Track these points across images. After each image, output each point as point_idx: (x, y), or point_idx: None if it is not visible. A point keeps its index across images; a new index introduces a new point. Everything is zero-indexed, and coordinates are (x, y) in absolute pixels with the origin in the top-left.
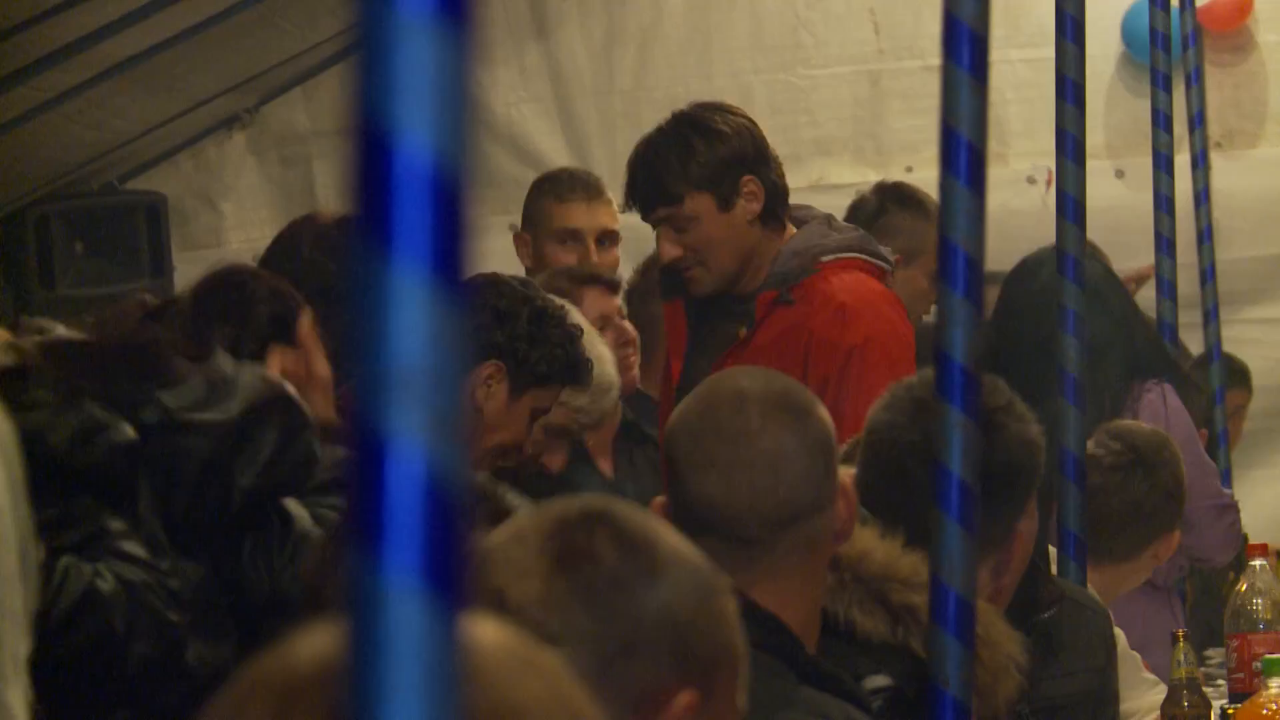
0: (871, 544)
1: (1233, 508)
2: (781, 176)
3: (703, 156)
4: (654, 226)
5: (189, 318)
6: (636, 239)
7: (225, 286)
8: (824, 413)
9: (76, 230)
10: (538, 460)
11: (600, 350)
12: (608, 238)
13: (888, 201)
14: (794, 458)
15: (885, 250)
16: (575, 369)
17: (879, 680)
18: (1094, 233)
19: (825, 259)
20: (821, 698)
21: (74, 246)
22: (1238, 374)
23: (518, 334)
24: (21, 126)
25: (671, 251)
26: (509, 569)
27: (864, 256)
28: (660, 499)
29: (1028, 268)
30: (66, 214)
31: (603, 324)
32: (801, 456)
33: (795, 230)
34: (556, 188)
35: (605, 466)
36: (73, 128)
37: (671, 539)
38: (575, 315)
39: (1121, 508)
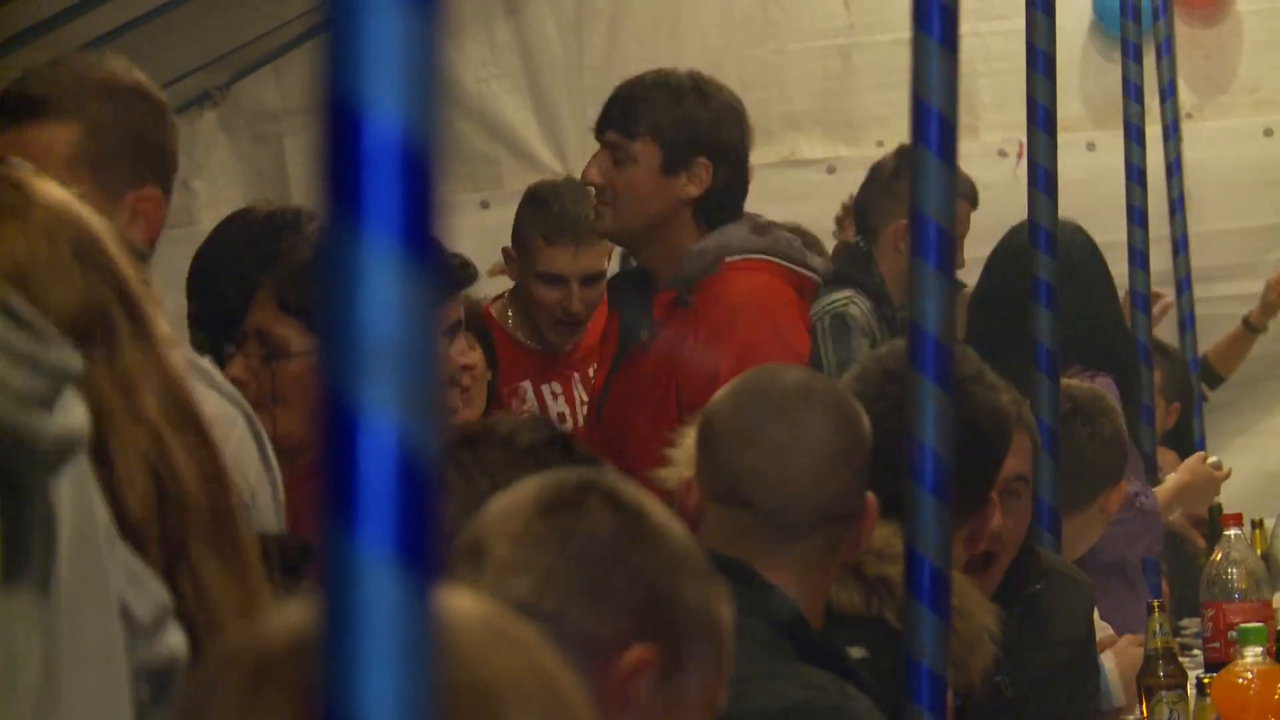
0: None
1: (1151, 513)
2: (738, 182)
3: (679, 114)
4: (599, 144)
5: None
6: None
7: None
8: (864, 420)
9: None
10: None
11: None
12: (592, 279)
13: (904, 166)
14: (844, 464)
15: (816, 260)
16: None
17: (855, 652)
18: (1066, 205)
19: (731, 259)
20: (817, 673)
21: None
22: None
23: None
24: None
25: (594, 176)
26: (495, 516)
27: (776, 259)
28: (688, 476)
29: (1014, 240)
30: None
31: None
32: (847, 461)
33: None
34: (546, 226)
35: None
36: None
37: (667, 519)
38: None
39: (1065, 457)
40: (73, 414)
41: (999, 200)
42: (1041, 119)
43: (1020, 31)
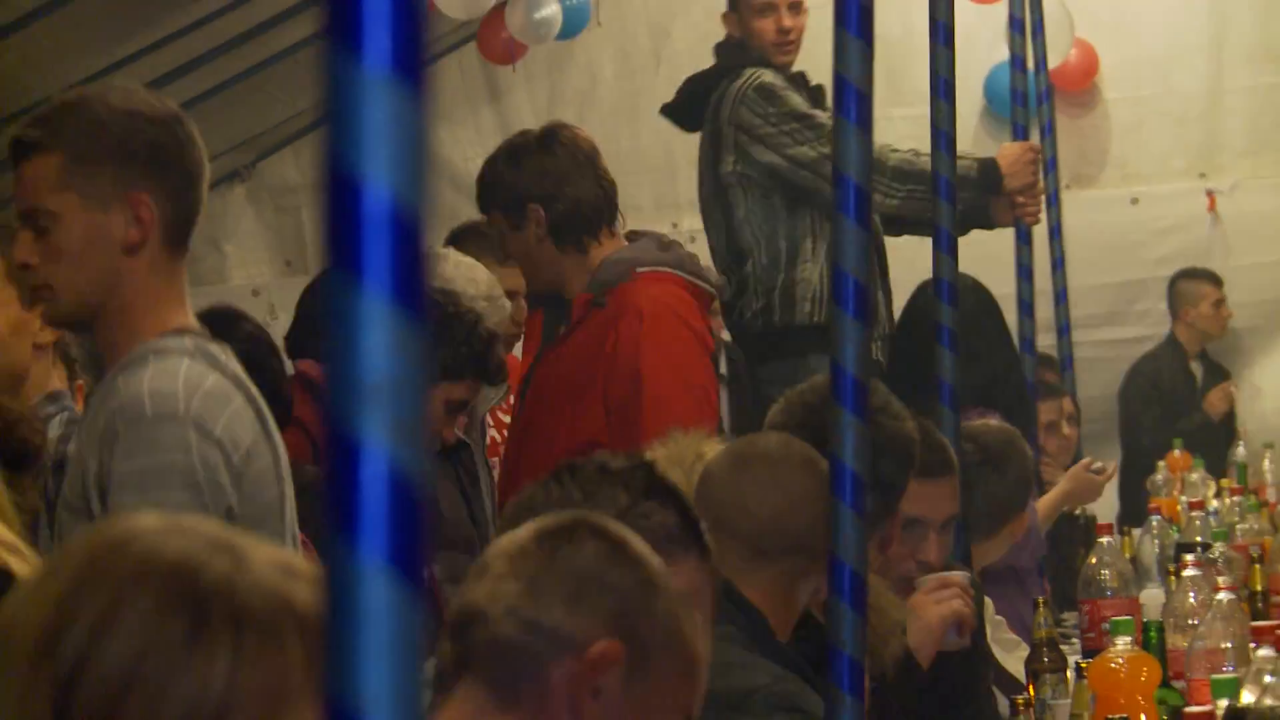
0: None
1: (1034, 528)
2: (581, 206)
3: (501, 182)
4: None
5: None
6: None
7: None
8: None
9: None
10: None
11: (475, 271)
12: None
13: None
14: (812, 505)
15: (712, 275)
16: (484, 366)
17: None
18: (965, 263)
19: (641, 270)
20: (779, 668)
21: None
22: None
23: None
24: None
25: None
26: (501, 543)
27: (681, 274)
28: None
29: (925, 293)
30: None
31: None
32: (815, 505)
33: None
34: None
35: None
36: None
37: (647, 551)
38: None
39: (980, 499)
40: None
41: (910, 259)
42: (944, 190)
43: (925, 115)
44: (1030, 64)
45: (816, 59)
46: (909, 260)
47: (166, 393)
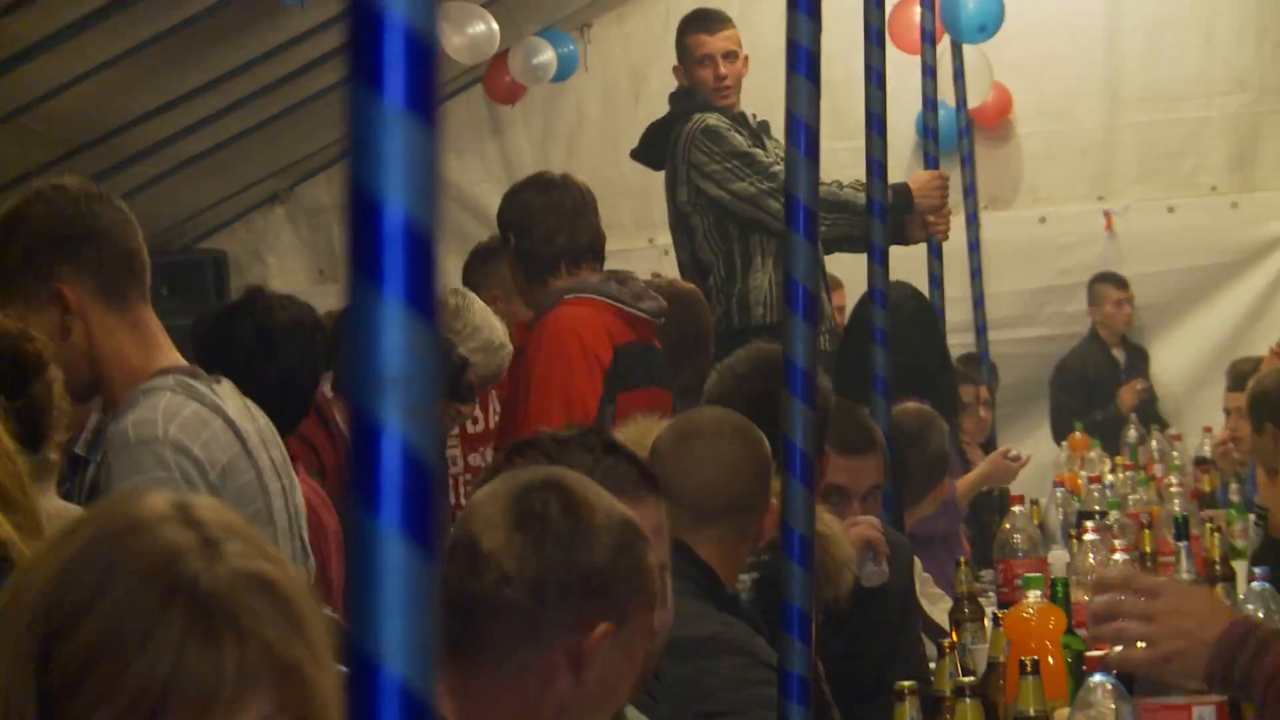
0: None
1: (952, 501)
2: (546, 244)
3: (500, 211)
4: None
5: None
6: None
7: None
8: (765, 443)
9: (162, 277)
10: None
11: (492, 320)
12: None
13: None
14: (745, 471)
15: (647, 303)
16: (455, 388)
17: (749, 575)
18: (897, 273)
19: (569, 296)
20: (728, 617)
21: (161, 289)
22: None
23: None
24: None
25: None
26: (482, 521)
27: (607, 299)
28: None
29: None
30: (156, 266)
31: None
32: (749, 470)
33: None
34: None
35: None
36: (160, 204)
37: (605, 503)
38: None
39: (907, 473)
40: None
41: (850, 269)
42: (878, 211)
43: (862, 148)
44: (953, 103)
45: (771, 100)
46: (849, 270)
47: (147, 420)
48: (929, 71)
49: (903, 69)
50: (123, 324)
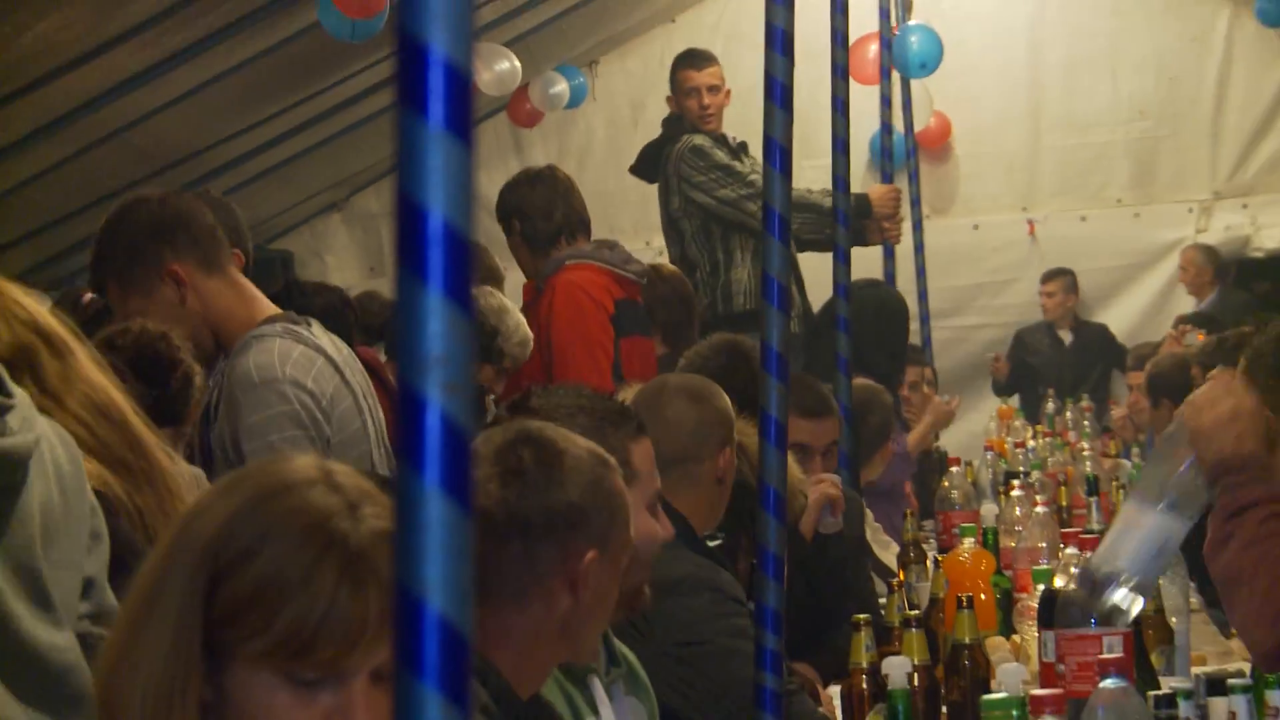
0: None
1: (904, 454)
2: (536, 228)
3: (504, 202)
4: None
5: None
6: None
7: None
8: (719, 401)
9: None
10: None
11: (520, 318)
12: None
13: None
14: (687, 423)
15: (635, 265)
16: (487, 352)
17: (717, 539)
18: (857, 271)
19: (570, 262)
20: (701, 559)
21: None
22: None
23: None
24: None
25: None
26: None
27: (603, 264)
28: None
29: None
30: None
31: None
32: (689, 423)
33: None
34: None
35: None
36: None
37: (574, 445)
38: (515, 322)
39: (859, 437)
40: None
41: (817, 269)
42: (842, 219)
43: (827, 165)
44: (901, 129)
45: (751, 126)
46: (814, 268)
47: (266, 364)
48: (885, 101)
49: (859, 99)
50: (224, 286)
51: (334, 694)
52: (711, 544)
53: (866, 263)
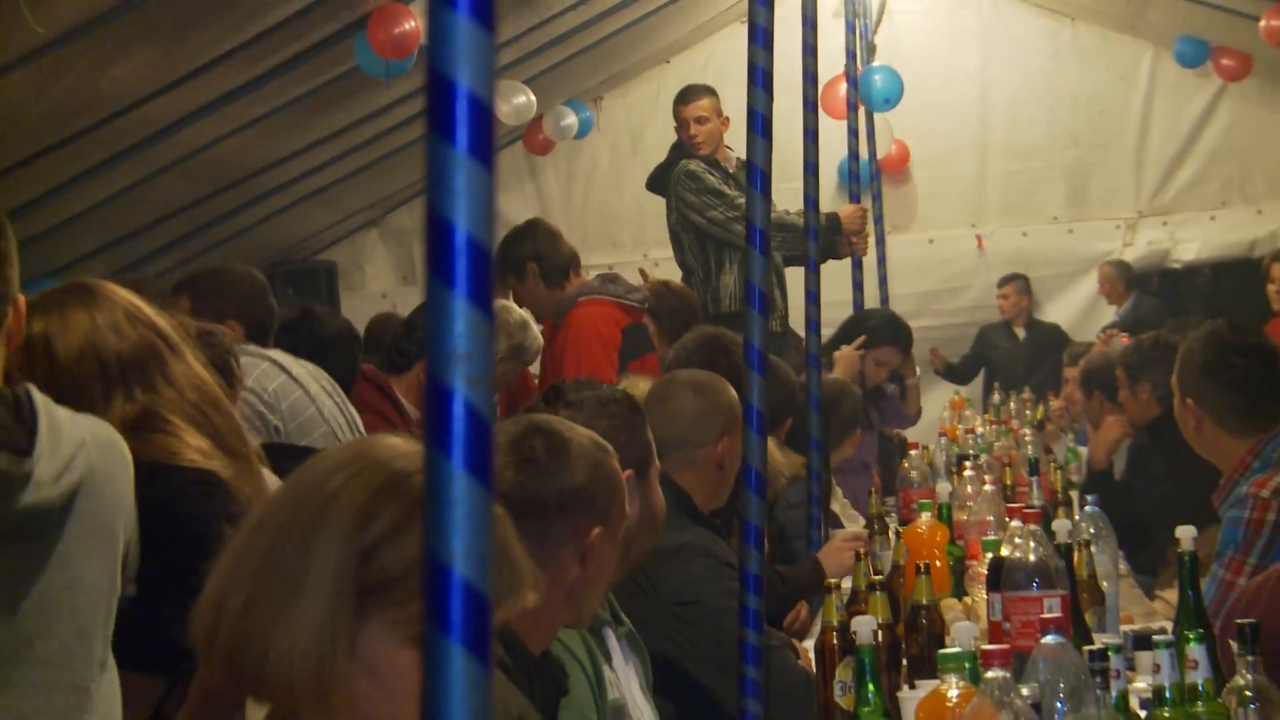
0: None
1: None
2: (549, 266)
3: (513, 252)
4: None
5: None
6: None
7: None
8: (721, 396)
9: (288, 281)
10: None
11: (535, 329)
12: None
13: None
14: (690, 412)
15: (637, 294)
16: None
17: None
18: (827, 280)
19: (583, 298)
20: (699, 529)
21: (287, 290)
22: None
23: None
24: (259, 228)
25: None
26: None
27: (609, 297)
28: None
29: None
30: (285, 273)
31: None
32: (692, 412)
33: (584, 280)
34: None
35: None
36: (287, 227)
37: (578, 435)
38: (533, 334)
39: (829, 425)
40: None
41: (795, 279)
42: (812, 234)
43: (800, 188)
44: (866, 156)
45: (734, 149)
46: (797, 276)
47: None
48: (852, 132)
49: (828, 130)
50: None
51: None
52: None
53: (838, 274)
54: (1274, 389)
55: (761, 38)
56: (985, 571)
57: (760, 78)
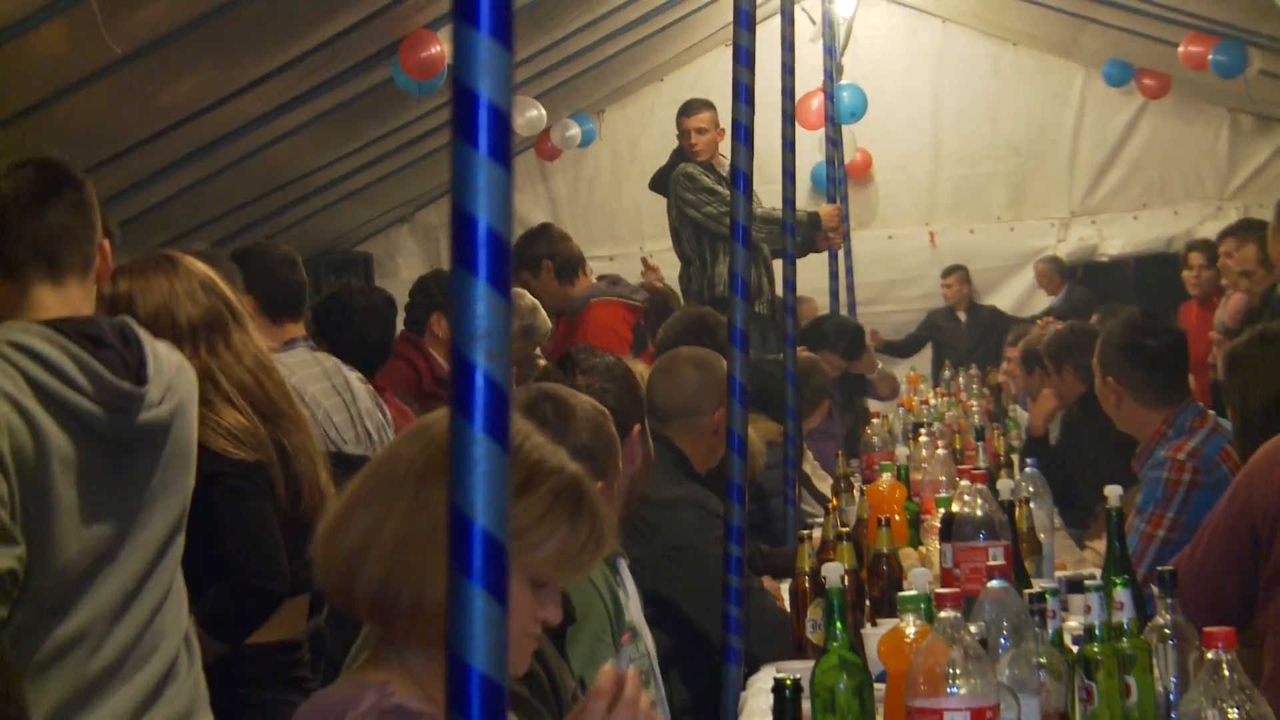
0: None
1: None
2: (563, 264)
3: (528, 253)
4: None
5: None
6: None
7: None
8: (719, 371)
9: (330, 269)
10: None
11: (543, 314)
12: None
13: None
14: (692, 384)
15: (640, 294)
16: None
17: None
18: (802, 270)
19: (595, 299)
20: (697, 486)
21: (330, 277)
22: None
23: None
24: (305, 223)
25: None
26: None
27: (617, 298)
28: None
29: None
30: (328, 262)
31: None
32: (696, 382)
33: (591, 281)
34: None
35: None
36: (330, 222)
37: (581, 401)
38: (542, 318)
39: (803, 396)
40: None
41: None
42: (790, 229)
43: (778, 190)
44: (835, 161)
45: (726, 156)
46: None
47: None
48: (830, 142)
49: (804, 139)
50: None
51: (546, 591)
52: None
53: (814, 265)
54: (1183, 367)
55: (744, 58)
56: (938, 524)
57: (743, 93)
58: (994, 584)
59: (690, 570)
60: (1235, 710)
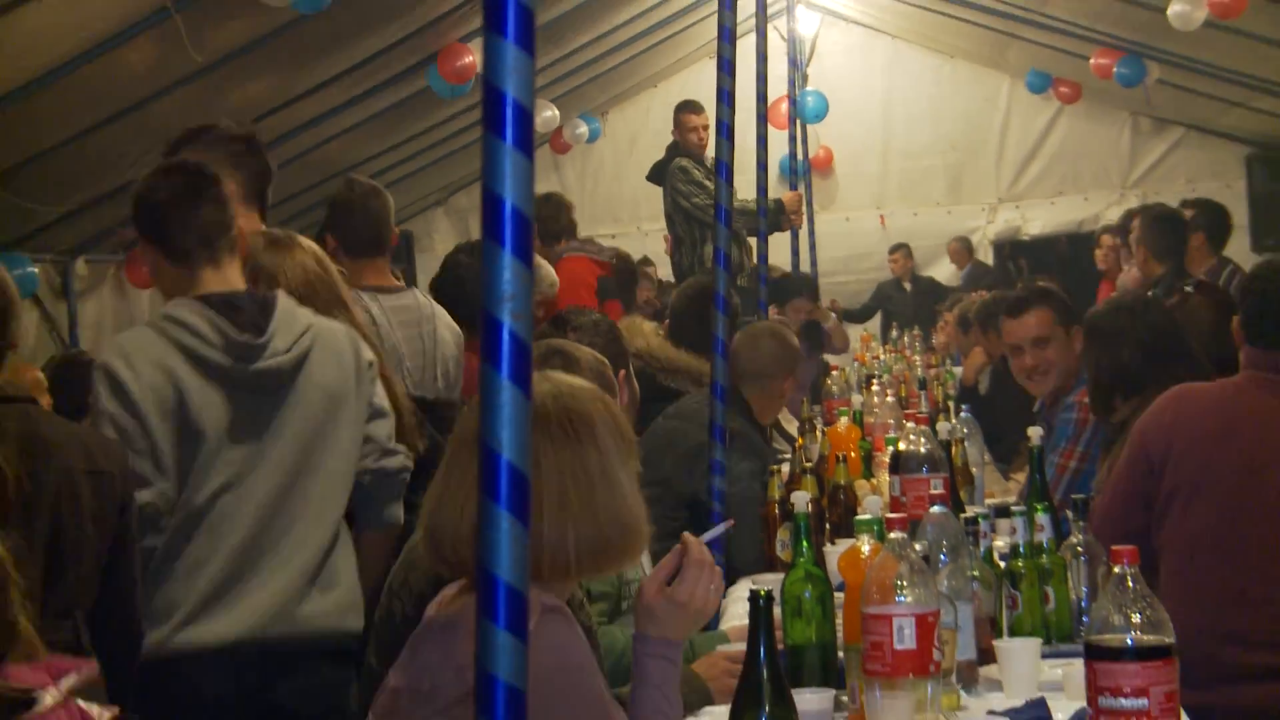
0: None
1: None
2: (555, 225)
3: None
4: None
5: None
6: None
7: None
8: (792, 346)
9: None
10: None
11: (546, 268)
12: None
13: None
14: (771, 350)
15: (607, 251)
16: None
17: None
18: (774, 248)
19: (566, 254)
20: (750, 429)
21: None
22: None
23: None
24: None
25: None
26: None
27: (585, 254)
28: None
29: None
30: None
31: None
32: (773, 351)
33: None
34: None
35: None
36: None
37: (584, 354)
38: (549, 279)
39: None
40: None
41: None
42: (763, 213)
43: (753, 180)
44: (801, 156)
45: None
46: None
47: None
48: (792, 139)
49: (774, 136)
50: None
51: None
52: None
53: (781, 243)
54: None
55: (727, 68)
56: (887, 460)
57: (726, 98)
58: (935, 510)
59: (732, 493)
60: (1138, 615)
